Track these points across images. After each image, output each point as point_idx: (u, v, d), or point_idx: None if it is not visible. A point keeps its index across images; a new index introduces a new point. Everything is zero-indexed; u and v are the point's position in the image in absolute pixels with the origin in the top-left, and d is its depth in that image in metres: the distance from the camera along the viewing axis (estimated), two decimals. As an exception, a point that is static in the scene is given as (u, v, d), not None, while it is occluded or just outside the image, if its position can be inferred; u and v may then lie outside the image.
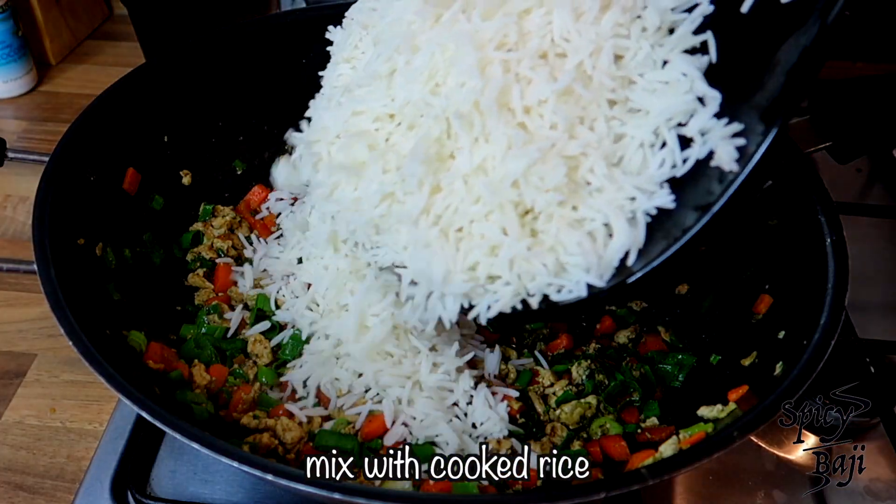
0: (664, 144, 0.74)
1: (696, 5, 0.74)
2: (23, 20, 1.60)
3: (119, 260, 1.00)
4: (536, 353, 1.03)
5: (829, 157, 1.05)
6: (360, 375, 0.94)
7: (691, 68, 0.73)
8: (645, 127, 0.74)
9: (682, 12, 0.75)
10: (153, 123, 1.12)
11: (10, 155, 1.07)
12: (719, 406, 0.86)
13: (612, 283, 0.74)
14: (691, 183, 0.73)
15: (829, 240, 0.88)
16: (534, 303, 0.75)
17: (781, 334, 0.88)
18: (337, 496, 0.66)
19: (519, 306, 0.76)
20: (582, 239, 0.73)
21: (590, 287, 0.74)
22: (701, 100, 0.73)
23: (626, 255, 0.73)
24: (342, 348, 0.97)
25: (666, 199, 0.72)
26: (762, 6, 0.71)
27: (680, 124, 0.74)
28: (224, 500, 0.92)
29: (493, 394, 0.94)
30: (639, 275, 0.74)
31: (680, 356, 1.01)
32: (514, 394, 0.95)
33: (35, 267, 0.83)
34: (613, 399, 0.98)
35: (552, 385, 0.99)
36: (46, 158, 0.95)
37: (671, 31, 0.76)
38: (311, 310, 1.01)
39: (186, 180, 1.18)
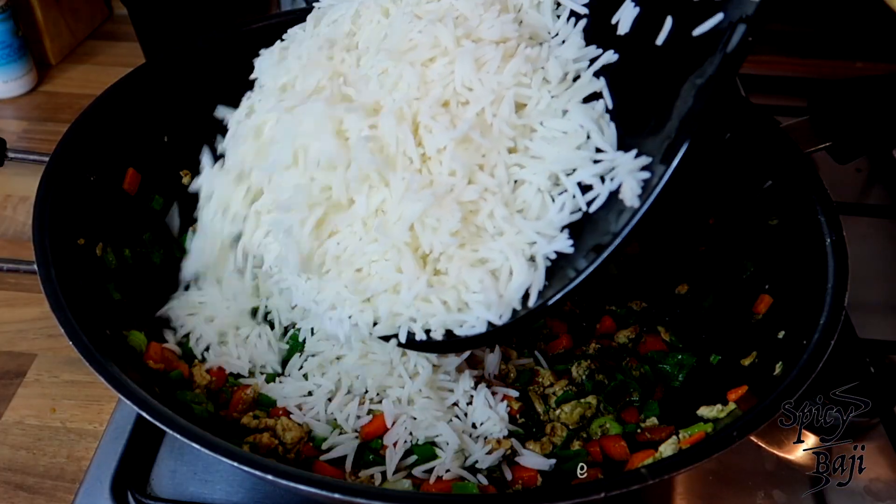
0: (565, 190, 0.76)
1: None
2: (23, 20, 1.60)
3: (119, 260, 1.00)
4: (536, 352, 1.03)
5: (830, 157, 1.05)
6: (359, 376, 0.94)
7: (588, 120, 0.75)
8: (541, 173, 0.76)
9: (585, 62, 0.78)
10: (153, 123, 1.11)
11: (10, 155, 1.07)
12: (719, 406, 0.86)
13: (509, 320, 0.76)
14: (589, 226, 0.75)
15: (828, 240, 0.88)
16: (437, 336, 0.78)
17: (781, 334, 0.88)
18: (337, 496, 0.66)
19: (423, 337, 0.78)
20: (484, 276, 0.75)
21: (490, 323, 0.76)
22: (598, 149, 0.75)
23: (528, 295, 0.75)
24: (342, 349, 0.97)
25: (564, 244, 0.74)
26: (674, 39, 0.72)
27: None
28: (224, 500, 0.92)
29: (493, 394, 0.94)
30: (537, 310, 0.75)
31: (680, 356, 1.01)
32: (514, 394, 0.95)
33: (35, 267, 0.83)
34: (613, 399, 0.98)
35: (552, 385, 0.99)
36: (46, 158, 0.95)
37: (576, 79, 0.78)
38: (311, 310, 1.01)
39: (186, 180, 1.17)
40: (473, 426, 0.92)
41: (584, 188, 0.75)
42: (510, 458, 0.90)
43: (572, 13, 0.81)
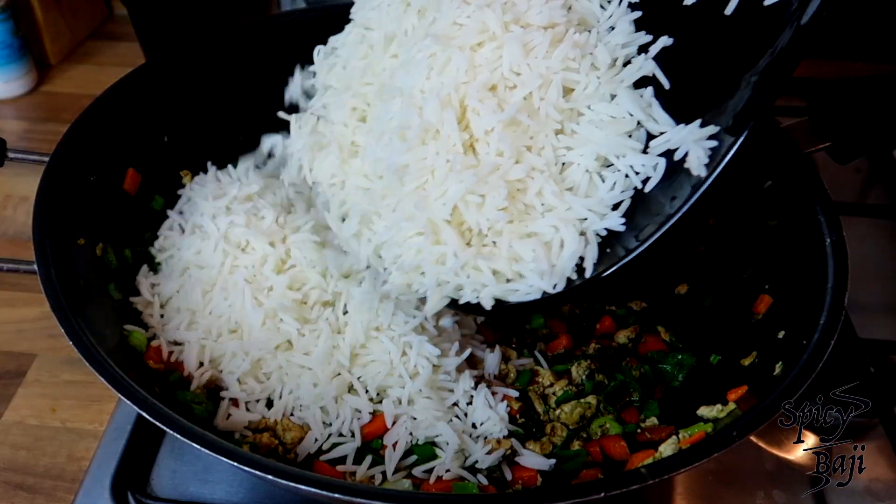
0: (617, 169, 0.76)
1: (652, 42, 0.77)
2: (23, 20, 1.60)
3: (119, 260, 1.00)
4: (536, 353, 1.03)
5: (829, 157, 1.05)
6: (360, 377, 0.94)
7: (636, 108, 0.75)
8: (589, 155, 0.77)
9: (634, 47, 0.78)
10: (153, 123, 1.12)
11: (11, 155, 1.06)
12: (719, 406, 0.86)
13: (564, 289, 0.76)
14: (642, 206, 0.75)
15: (828, 240, 0.88)
16: (486, 305, 0.78)
17: (781, 334, 0.88)
18: (337, 496, 0.66)
19: (473, 301, 0.80)
20: (536, 246, 0.76)
21: (543, 292, 0.76)
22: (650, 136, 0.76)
23: (583, 268, 0.76)
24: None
25: (616, 222, 0.75)
26: (742, 10, 0.72)
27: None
28: (224, 500, 0.92)
29: (493, 394, 0.94)
30: (592, 280, 0.76)
31: (680, 356, 1.01)
32: (514, 394, 0.95)
33: (35, 267, 0.83)
34: (613, 399, 0.98)
35: (552, 385, 0.99)
36: (46, 158, 0.96)
37: (626, 65, 0.78)
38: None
39: (186, 180, 1.18)
40: (473, 426, 0.92)
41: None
42: (510, 458, 0.90)
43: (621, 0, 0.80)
